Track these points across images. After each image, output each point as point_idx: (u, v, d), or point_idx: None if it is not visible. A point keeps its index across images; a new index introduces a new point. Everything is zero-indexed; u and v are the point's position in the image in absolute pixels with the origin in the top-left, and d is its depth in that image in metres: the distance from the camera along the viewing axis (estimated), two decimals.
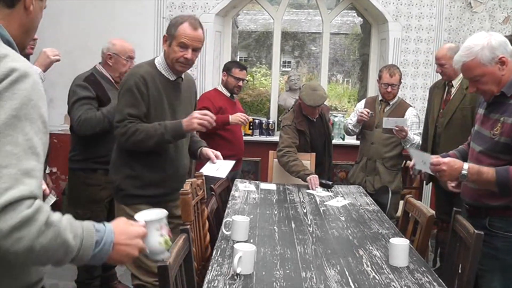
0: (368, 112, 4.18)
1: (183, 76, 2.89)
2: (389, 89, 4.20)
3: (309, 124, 4.28)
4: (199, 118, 2.71)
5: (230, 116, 4.19)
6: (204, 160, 3.03)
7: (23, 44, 1.45)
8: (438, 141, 3.88)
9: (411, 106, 4.43)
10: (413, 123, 4.28)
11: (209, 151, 3.00)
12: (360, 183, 4.21)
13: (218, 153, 2.99)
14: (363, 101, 4.54)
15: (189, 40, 2.70)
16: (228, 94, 4.42)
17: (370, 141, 4.22)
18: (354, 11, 6.17)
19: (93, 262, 1.27)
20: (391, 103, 4.27)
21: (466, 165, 2.40)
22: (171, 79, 2.82)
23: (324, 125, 4.38)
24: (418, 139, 4.17)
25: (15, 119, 1.15)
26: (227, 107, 4.32)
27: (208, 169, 2.94)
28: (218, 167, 2.93)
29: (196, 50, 2.76)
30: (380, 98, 4.34)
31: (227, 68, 4.45)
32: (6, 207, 1.09)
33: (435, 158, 2.47)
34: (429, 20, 5.20)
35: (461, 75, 4.08)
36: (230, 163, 2.97)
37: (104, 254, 1.29)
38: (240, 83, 4.44)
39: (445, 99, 3.91)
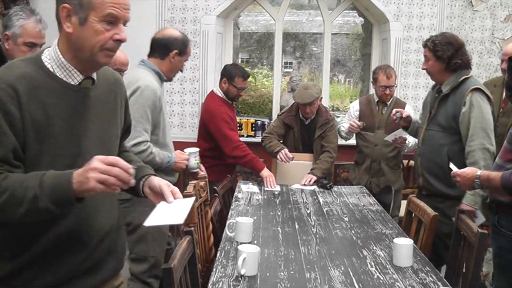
0: (358, 125, 4.14)
1: (94, 75, 1.70)
2: (387, 91, 4.18)
3: (301, 123, 4.31)
4: (100, 170, 1.45)
5: (264, 169, 4.05)
6: (149, 197, 1.76)
7: (169, 77, 3.16)
8: (500, 142, 3.86)
9: (405, 103, 4.43)
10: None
11: (163, 184, 1.72)
12: (365, 185, 4.20)
13: (176, 189, 1.73)
14: (356, 102, 4.47)
15: (119, 9, 1.59)
16: (229, 101, 4.21)
17: (374, 143, 4.20)
18: (355, 11, 6.16)
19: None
20: (388, 103, 4.27)
21: (479, 173, 2.43)
22: (72, 83, 1.63)
23: (315, 131, 4.31)
24: (413, 140, 4.17)
25: None
26: (235, 116, 4.24)
27: (156, 216, 1.64)
28: (173, 209, 1.68)
29: (125, 24, 1.65)
30: (376, 99, 4.30)
31: (229, 76, 4.11)
32: None
33: (453, 172, 2.60)
34: (430, 19, 5.20)
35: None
36: (189, 203, 1.72)
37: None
38: (242, 93, 4.23)
39: (505, 97, 3.72)
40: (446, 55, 3.14)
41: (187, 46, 3.16)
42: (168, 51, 3.07)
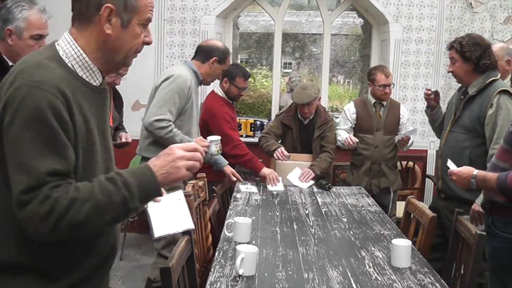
0: (354, 143, 4.11)
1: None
2: (387, 89, 4.18)
3: (300, 124, 4.33)
4: (187, 158, 1.47)
5: (264, 168, 4.04)
6: None
7: (206, 80, 3.62)
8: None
9: (399, 103, 4.46)
10: (408, 119, 4.41)
11: None
12: (365, 187, 4.18)
13: None
14: (351, 105, 4.41)
15: (153, 13, 1.57)
16: (230, 101, 4.20)
17: (374, 145, 4.20)
18: (355, 12, 6.17)
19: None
20: (384, 104, 4.27)
21: (475, 173, 2.43)
22: (94, 84, 1.52)
23: (313, 132, 4.33)
24: (411, 141, 4.19)
25: None
26: (235, 116, 4.25)
27: (160, 224, 1.64)
28: (168, 209, 1.65)
29: None
30: (373, 100, 4.28)
31: (230, 76, 4.08)
32: None
33: (450, 170, 2.62)
34: (430, 20, 5.20)
35: (509, 76, 3.79)
36: (180, 198, 1.73)
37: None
38: (243, 93, 4.24)
39: None
40: (474, 55, 3.09)
41: (227, 57, 3.63)
42: (209, 57, 3.53)
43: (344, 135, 4.23)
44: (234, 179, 3.86)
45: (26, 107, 1.31)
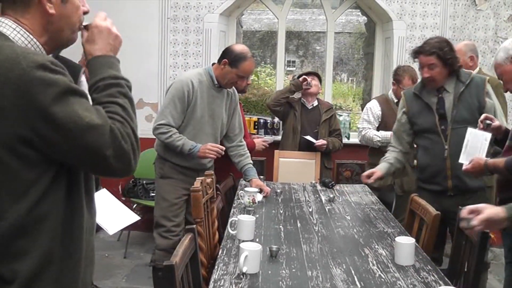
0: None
1: None
2: None
3: (303, 107, 4.57)
4: (111, 22, 1.57)
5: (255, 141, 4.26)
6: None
7: (221, 83, 3.46)
8: None
9: None
10: None
11: None
12: (389, 186, 4.14)
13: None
14: (375, 103, 4.36)
15: None
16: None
17: None
18: (359, 10, 6.16)
19: None
20: None
21: (486, 159, 2.56)
22: None
23: (319, 119, 4.53)
24: None
25: None
26: None
27: (109, 221, 1.95)
28: (107, 209, 1.94)
29: None
30: (395, 99, 4.25)
31: None
32: None
33: (464, 167, 2.72)
34: (434, 18, 5.19)
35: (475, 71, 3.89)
36: (113, 198, 2.09)
37: None
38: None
39: None
40: (453, 59, 3.15)
41: (240, 61, 3.38)
42: (222, 58, 3.45)
43: (384, 133, 4.20)
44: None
45: (52, 88, 1.25)
